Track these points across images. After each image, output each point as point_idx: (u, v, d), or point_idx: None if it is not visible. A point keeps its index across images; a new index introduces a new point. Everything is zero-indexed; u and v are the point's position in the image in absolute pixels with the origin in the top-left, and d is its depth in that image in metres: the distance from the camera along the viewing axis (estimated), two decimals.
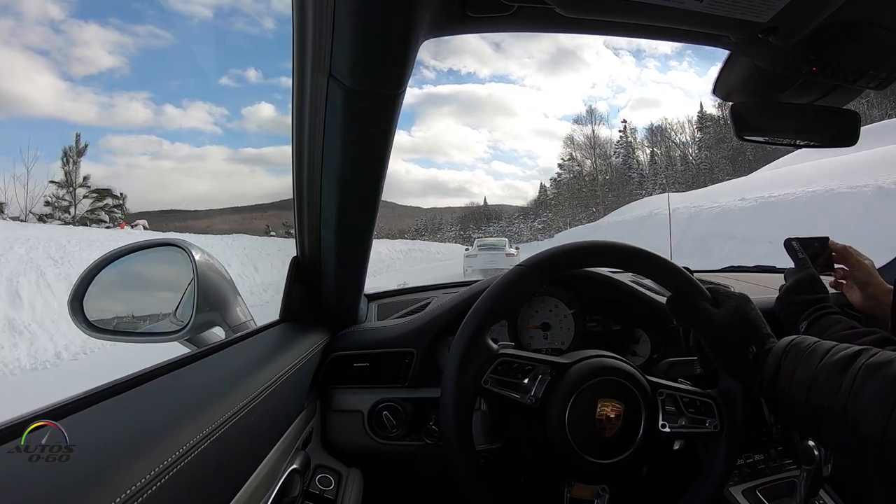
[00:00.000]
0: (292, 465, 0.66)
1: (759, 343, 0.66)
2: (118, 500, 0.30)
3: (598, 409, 0.64)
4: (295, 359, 0.70)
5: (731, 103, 0.76)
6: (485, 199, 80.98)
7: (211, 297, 0.81)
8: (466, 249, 17.04)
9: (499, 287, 0.70)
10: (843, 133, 0.79)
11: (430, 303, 1.05)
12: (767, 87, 0.72)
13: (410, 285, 1.31)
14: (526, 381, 0.66)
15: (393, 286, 1.32)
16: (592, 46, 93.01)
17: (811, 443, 0.74)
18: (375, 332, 0.95)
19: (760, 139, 0.80)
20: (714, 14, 0.51)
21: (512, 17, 0.55)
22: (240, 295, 0.88)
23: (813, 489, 0.75)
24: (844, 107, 0.78)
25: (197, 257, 0.82)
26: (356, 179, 0.65)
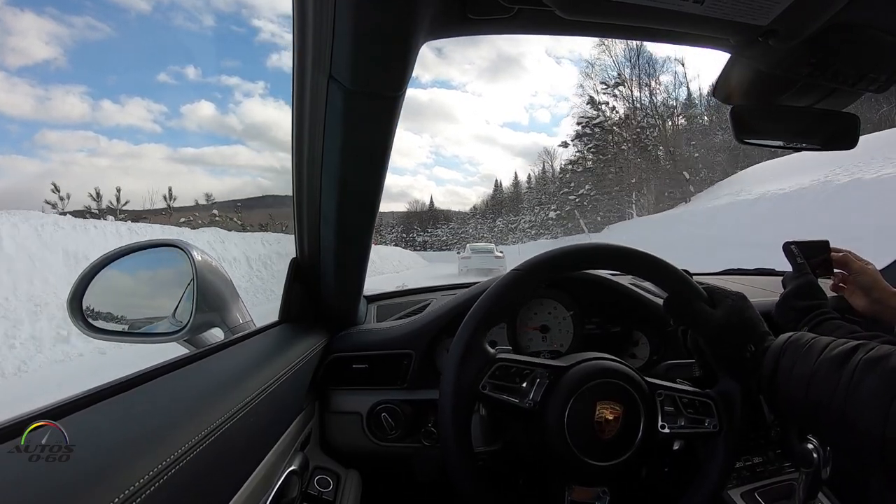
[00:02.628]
0: (291, 466, 0.66)
1: (758, 341, 0.66)
2: (117, 500, 0.30)
3: (597, 412, 0.64)
4: (294, 360, 0.70)
5: (728, 105, 0.76)
6: (431, 199, 73.48)
7: (210, 298, 0.81)
8: (458, 253, 20.82)
9: (494, 291, 0.70)
10: (842, 135, 0.79)
11: (428, 304, 1.05)
12: (767, 89, 0.72)
13: (409, 286, 1.31)
14: (524, 384, 0.66)
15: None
16: (534, 54, 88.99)
17: (810, 445, 0.74)
18: (374, 333, 0.95)
19: (760, 142, 0.80)
20: (714, 17, 0.51)
21: (512, 19, 0.55)
22: (239, 296, 0.88)
23: (811, 492, 0.75)
24: (844, 109, 0.78)
25: (196, 258, 0.81)
26: (356, 180, 0.65)
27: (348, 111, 0.55)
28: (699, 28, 0.54)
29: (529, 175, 54.53)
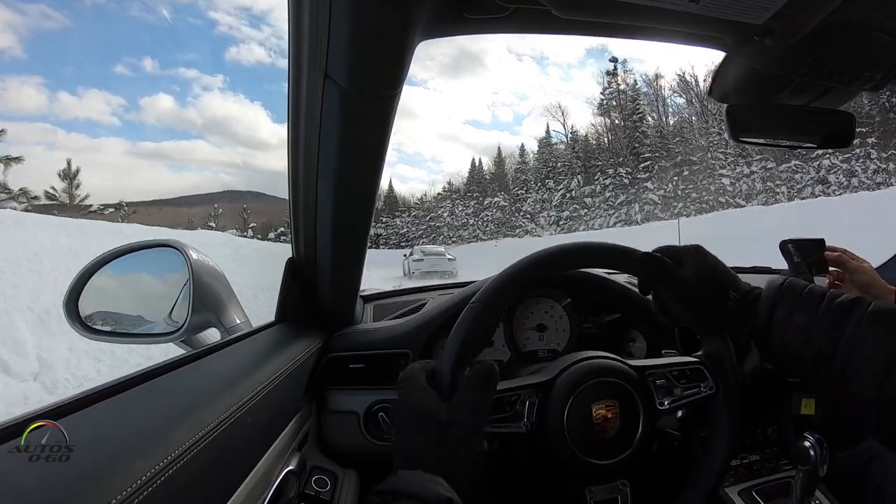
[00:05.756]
0: (288, 466, 0.66)
1: (736, 288, 0.63)
2: (116, 500, 0.30)
3: (594, 414, 0.64)
4: (291, 360, 0.70)
5: (726, 104, 0.77)
6: (389, 181, 60.72)
7: (206, 299, 0.81)
8: (405, 256, 21.18)
9: (459, 330, 0.67)
10: (837, 134, 0.79)
11: (425, 304, 1.05)
12: (763, 88, 0.72)
13: (406, 286, 1.31)
14: (516, 408, 0.66)
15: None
16: (495, 52, 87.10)
17: (807, 443, 0.74)
18: (371, 333, 0.95)
19: (756, 140, 0.80)
20: (709, 16, 0.51)
21: (508, 18, 0.56)
22: (236, 296, 0.88)
23: (809, 489, 0.75)
24: (840, 108, 0.78)
25: (193, 258, 0.81)
26: (352, 179, 0.65)
27: (344, 110, 0.55)
28: (694, 27, 0.54)
29: (522, 146, 45.68)
